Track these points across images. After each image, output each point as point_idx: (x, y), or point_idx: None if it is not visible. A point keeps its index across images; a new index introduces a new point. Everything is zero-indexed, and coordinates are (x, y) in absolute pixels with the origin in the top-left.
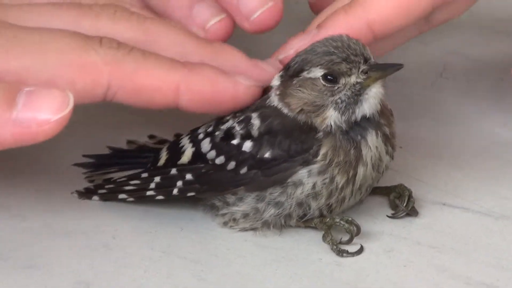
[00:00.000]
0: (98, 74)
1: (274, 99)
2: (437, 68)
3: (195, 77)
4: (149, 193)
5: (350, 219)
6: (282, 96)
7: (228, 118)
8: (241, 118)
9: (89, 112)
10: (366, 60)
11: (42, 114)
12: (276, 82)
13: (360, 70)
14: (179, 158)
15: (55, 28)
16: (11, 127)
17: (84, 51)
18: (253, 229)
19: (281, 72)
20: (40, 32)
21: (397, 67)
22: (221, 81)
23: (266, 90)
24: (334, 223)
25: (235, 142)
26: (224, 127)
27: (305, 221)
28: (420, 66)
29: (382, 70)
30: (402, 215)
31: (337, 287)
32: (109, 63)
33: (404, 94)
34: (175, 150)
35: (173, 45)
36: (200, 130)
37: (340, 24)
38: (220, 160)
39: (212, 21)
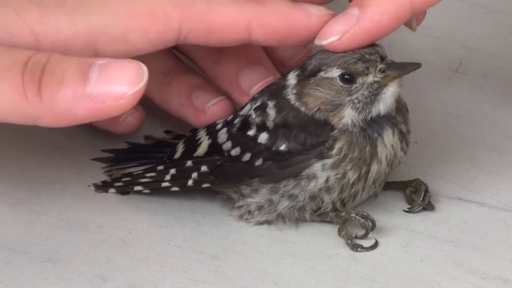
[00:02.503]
0: (168, 19)
1: (291, 98)
2: (453, 63)
3: (266, 12)
4: (164, 184)
5: (365, 214)
6: (299, 95)
7: (246, 102)
8: (257, 104)
9: None
10: (382, 59)
11: (117, 88)
12: (292, 80)
13: (378, 69)
14: (195, 151)
15: None
16: (86, 102)
17: None
18: (268, 222)
19: (297, 72)
20: None
21: (415, 66)
22: (292, 13)
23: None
24: (350, 218)
25: (251, 133)
26: (242, 113)
27: (320, 215)
28: (436, 61)
29: (400, 69)
30: (418, 209)
31: (353, 281)
32: (179, 6)
33: (420, 89)
34: (192, 143)
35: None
36: (218, 121)
37: (384, 5)
38: (235, 151)
39: (210, 102)
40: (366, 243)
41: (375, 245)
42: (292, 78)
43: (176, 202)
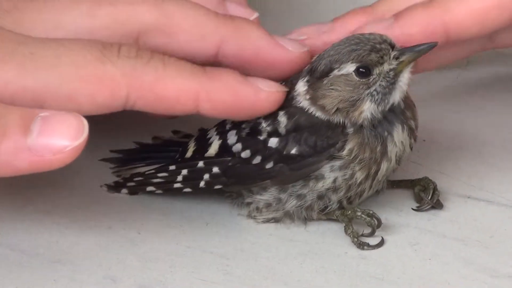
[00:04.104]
0: (116, 87)
1: (304, 103)
2: (461, 61)
3: (215, 85)
4: (176, 185)
5: (371, 212)
6: (314, 99)
7: None
8: (267, 114)
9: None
10: (392, 46)
11: (58, 142)
12: (302, 88)
13: (391, 56)
14: (206, 151)
15: (68, 32)
16: (27, 155)
17: (101, 63)
18: (276, 220)
19: (306, 77)
20: (54, 45)
21: (430, 45)
22: (241, 89)
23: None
24: (355, 216)
25: (261, 137)
26: (250, 122)
27: (326, 213)
28: None
29: (415, 52)
30: (427, 208)
31: (362, 280)
32: (127, 75)
33: (428, 87)
34: (203, 142)
35: (192, 26)
36: (227, 120)
37: (417, 19)
38: (246, 154)
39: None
40: (372, 241)
41: (381, 243)
42: (301, 86)
43: (185, 202)
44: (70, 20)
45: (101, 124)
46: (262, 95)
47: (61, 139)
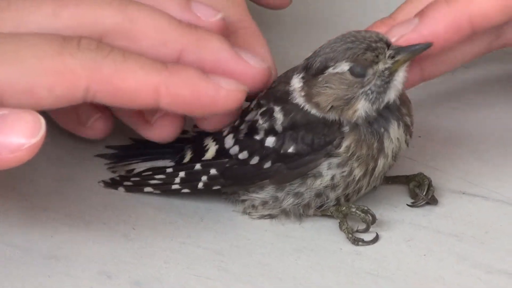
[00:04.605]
0: (76, 79)
1: (299, 100)
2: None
3: (175, 80)
4: (174, 187)
5: (365, 208)
6: (309, 96)
7: (252, 106)
8: (263, 109)
9: None
10: (387, 45)
11: (15, 140)
12: (297, 84)
13: (387, 55)
14: (203, 155)
15: (31, 32)
16: None
17: (60, 56)
18: (271, 216)
19: (301, 74)
20: (14, 40)
21: (425, 46)
22: (202, 85)
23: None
24: (350, 212)
25: (258, 137)
26: (248, 118)
27: (321, 210)
28: None
29: (411, 51)
30: (422, 203)
31: (358, 276)
32: (87, 67)
33: (424, 84)
34: (199, 148)
35: (155, 32)
36: (224, 128)
37: (442, 14)
38: (243, 155)
39: (157, 115)
40: (367, 237)
41: (375, 239)
42: (296, 82)
43: (180, 198)
44: (33, 20)
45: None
46: (222, 92)
47: (18, 137)
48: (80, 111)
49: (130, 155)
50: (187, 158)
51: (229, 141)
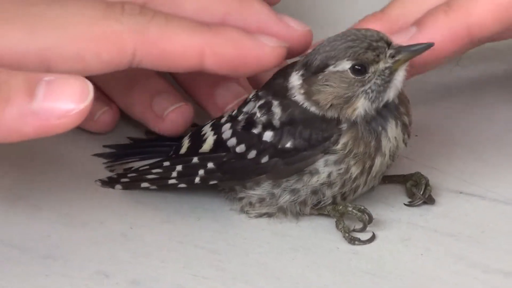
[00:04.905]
0: (122, 44)
1: (299, 98)
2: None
3: (219, 40)
4: (171, 181)
5: (362, 207)
6: (308, 94)
7: (250, 97)
8: (262, 102)
9: None
10: (388, 44)
11: (63, 105)
12: (297, 81)
13: (387, 54)
14: (201, 146)
15: None
16: (32, 119)
17: (106, 21)
18: (269, 214)
19: (301, 71)
20: (60, 6)
21: (426, 46)
22: (245, 43)
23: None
24: (347, 212)
25: (255, 131)
26: (246, 109)
27: (318, 209)
28: None
29: (412, 51)
30: (419, 203)
31: (354, 275)
32: (132, 31)
33: (421, 82)
34: (197, 138)
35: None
36: (224, 114)
37: (441, 25)
38: (240, 148)
39: (168, 109)
40: (364, 236)
41: (372, 238)
42: (295, 80)
43: (177, 197)
44: None
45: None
46: (266, 49)
47: (66, 102)
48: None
49: (127, 154)
50: (184, 148)
51: (227, 131)
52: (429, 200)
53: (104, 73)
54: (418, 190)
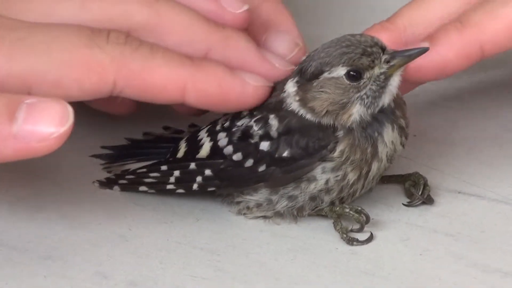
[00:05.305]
0: (104, 73)
1: (294, 105)
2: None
3: (202, 76)
4: (169, 186)
5: (359, 208)
6: (304, 101)
7: (244, 114)
8: (258, 117)
9: None
10: (383, 49)
11: (43, 129)
12: (292, 88)
13: (382, 60)
14: (198, 152)
15: (59, 22)
16: (12, 142)
17: (89, 49)
18: (266, 217)
19: (295, 78)
20: (44, 31)
21: (421, 50)
22: (228, 81)
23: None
24: (344, 213)
25: (252, 141)
26: (240, 123)
27: (316, 210)
28: None
29: (406, 56)
30: (417, 203)
31: (353, 276)
32: (116, 61)
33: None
34: (194, 143)
35: (183, 30)
36: (218, 121)
37: (454, 41)
38: (237, 156)
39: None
40: (362, 236)
41: (370, 239)
42: (290, 87)
43: (176, 198)
44: (61, 10)
45: (92, 120)
46: (249, 88)
47: (47, 126)
48: None
49: (125, 155)
50: (181, 152)
51: (223, 139)
52: (428, 200)
53: (84, 100)
54: (417, 190)
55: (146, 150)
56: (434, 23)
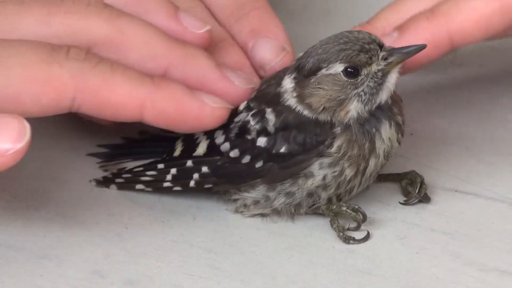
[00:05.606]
0: (62, 89)
1: (291, 101)
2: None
3: (161, 95)
4: (166, 184)
5: (356, 207)
6: (301, 97)
7: (240, 108)
8: (255, 111)
9: None
10: (380, 46)
11: (0, 145)
12: (289, 84)
13: (380, 57)
14: (194, 150)
15: (20, 38)
16: None
17: (47, 65)
18: (263, 215)
19: (293, 74)
20: (3, 46)
21: (419, 47)
22: (186, 102)
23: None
24: (341, 211)
25: (249, 137)
26: (238, 119)
27: (313, 208)
28: None
29: (404, 53)
30: (414, 201)
31: (350, 274)
32: (74, 77)
33: (416, 81)
34: (190, 142)
35: (143, 45)
36: None
37: (422, 30)
38: (234, 153)
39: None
40: (358, 235)
41: (367, 237)
42: (288, 83)
43: (172, 196)
44: (25, 26)
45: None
46: (207, 109)
47: (3, 142)
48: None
49: (121, 154)
50: (177, 151)
51: (219, 136)
52: (425, 199)
53: (43, 115)
54: (414, 189)
55: (142, 149)
56: None
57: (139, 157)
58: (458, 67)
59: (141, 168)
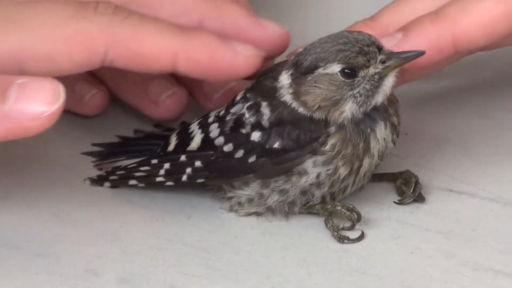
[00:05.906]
0: (93, 44)
1: (286, 97)
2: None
3: (193, 44)
4: (158, 179)
5: (351, 206)
6: (297, 94)
7: (237, 99)
8: (250, 103)
9: None
10: (379, 49)
11: (35, 108)
12: (286, 80)
13: (378, 60)
14: (188, 144)
15: None
16: (3, 121)
17: (76, 20)
18: (258, 214)
19: (290, 70)
20: (29, 7)
21: (417, 54)
22: (219, 50)
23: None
24: (335, 211)
25: (243, 131)
26: (234, 110)
27: (307, 207)
28: None
29: (402, 58)
30: (409, 201)
31: (344, 273)
32: (105, 30)
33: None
34: (185, 136)
35: (174, 2)
36: (211, 114)
37: (427, 32)
38: (228, 147)
39: (165, 94)
40: (353, 234)
41: (361, 237)
42: (285, 78)
43: (167, 195)
44: None
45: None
46: (240, 58)
47: (38, 105)
48: (76, 88)
49: (116, 152)
50: (171, 146)
51: (214, 130)
52: (419, 198)
53: (77, 72)
54: (408, 188)
55: (137, 147)
56: None
57: (134, 155)
58: (453, 67)
59: (135, 165)
